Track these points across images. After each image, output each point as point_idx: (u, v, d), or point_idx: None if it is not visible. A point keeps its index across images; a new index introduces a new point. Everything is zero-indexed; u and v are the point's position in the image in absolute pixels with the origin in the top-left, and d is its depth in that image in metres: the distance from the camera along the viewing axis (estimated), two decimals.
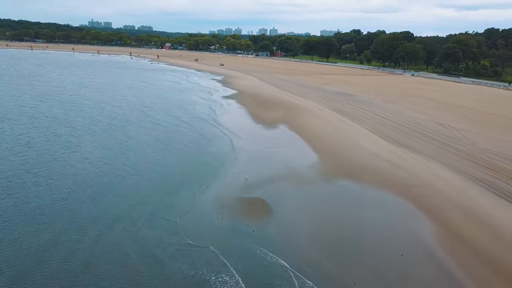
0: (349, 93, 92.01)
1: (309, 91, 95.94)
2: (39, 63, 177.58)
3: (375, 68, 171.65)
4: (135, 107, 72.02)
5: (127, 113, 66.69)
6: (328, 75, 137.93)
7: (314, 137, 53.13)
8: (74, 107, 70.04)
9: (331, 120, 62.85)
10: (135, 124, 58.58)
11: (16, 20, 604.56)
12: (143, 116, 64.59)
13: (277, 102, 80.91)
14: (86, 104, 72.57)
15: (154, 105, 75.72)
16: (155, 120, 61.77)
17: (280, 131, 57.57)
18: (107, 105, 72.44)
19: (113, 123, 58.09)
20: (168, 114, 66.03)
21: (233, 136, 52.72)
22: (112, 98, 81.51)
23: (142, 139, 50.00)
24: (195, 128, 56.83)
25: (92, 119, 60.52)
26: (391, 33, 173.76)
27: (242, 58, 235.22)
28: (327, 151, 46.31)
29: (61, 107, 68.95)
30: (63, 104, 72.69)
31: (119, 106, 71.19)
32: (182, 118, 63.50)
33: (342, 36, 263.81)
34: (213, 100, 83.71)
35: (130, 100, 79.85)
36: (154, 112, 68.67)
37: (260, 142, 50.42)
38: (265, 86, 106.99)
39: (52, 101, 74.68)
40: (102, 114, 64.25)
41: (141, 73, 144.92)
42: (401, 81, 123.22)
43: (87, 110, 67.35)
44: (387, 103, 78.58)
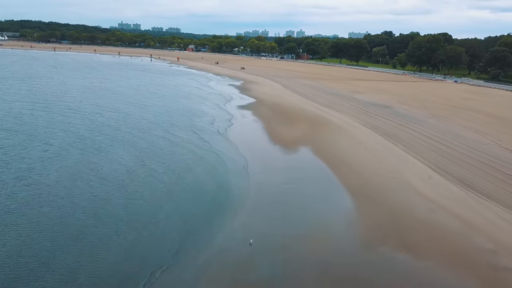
0: (386, 104, 78.40)
1: (338, 100, 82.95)
2: (55, 64, 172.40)
3: (411, 73, 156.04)
4: (131, 119, 61.35)
5: (117, 127, 55.95)
6: (359, 81, 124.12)
7: (346, 167, 40.57)
8: (61, 116, 60.09)
9: (367, 141, 49.95)
10: (121, 142, 47.65)
11: (46, 22, 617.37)
12: (136, 131, 53.66)
13: (301, 114, 68.55)
14: (78, 114, 62.52)
15: (156, 116, 64.85)
16: (149, 137, 50.77)
17: (302, 157, 45.27)
18: (100, 116, 61.99)
19: (91, 142, 47.07)
20: (167, 130, 54.84)
21: (240, 164, 40.91)
22: (110, 107, 71.29)
23: (120, 167, 38.81)
24: (194, 151, 45.34)
25: (74, 134, 49.97)
26: (429, 35, 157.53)
27: (266, 61, 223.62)
28: (366, 193, 33.72)
29: (45, 117, 58.99)
30: (51, 112, 62.83)
31: (111, 118, 60.57)
32: (183, 136, 52.24)
33: (372, 38, 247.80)
34: (226, 111, 72.28)
35: (129, 110, 69.34)
36: (152, 125, 57.74)
37: (274, 174, 38.44)
38: (287, 94, 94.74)
39: (41, 109, 64.98)
40: (88, 128, 53.62)
41: (156, 76, 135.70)
42: (444, 89, 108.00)
43: (75, 122, 57.00)
44: (434, 119, 64.67)
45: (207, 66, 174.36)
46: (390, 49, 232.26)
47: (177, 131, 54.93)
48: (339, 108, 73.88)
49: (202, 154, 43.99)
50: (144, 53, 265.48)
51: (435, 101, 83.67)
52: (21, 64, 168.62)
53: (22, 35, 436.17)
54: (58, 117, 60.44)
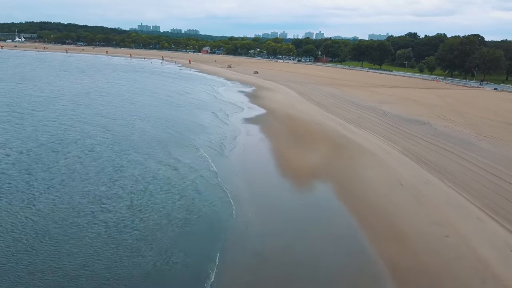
0: (421, 119, 65.40)
1: (362, 113, 70.38)
2: (60, 66, 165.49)
3: (442, 79, 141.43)
4: (111, 135, 50.59)
5: (90, 143, 45.08)
6: (384, 88, 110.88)
7: (380, 220, 28.55)
8: (33, 130, 49.57)
9: (404, 175, 37.63)
10: (84, 167, 36.72)
11: (65, 24, 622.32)
12: (112, 153, 42.66)
13: (318, 132, 56.48)
14: (54, 127, 51.87)
15: (145, 132, 53.80)
16: (125, 162, 39.95)
17: (319, 201, 33.32)
18: (71, 131, 50.92)
19: (48, 161, 36.29)
20: (149, 153, 43.57)
21: (232, 211, 29.38)
22: (93, 119, 60.56)
23: (75, 205, 27.69)
24: (177, 185, 34.13)
25: (35, 158, 39.18)
26: (461, 37, 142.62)
27: (282, 64, 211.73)
28: (417, 276, 21.58)
29: (9, 131, 48.46)
30: (21, 125, 52.36)
31: (88, 134, 49.52)
32: (169, 161, 41.17)
33: (396, 40, 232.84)
34: (229, 125, 60.85)
35: (114, 124, 58.53)
36: (134, 145, 46.70)
37: (278, 229, 26.99)
38: (303, 103, 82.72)
39: (12, 121, 54.61)
40: (54, 149, 42.80)
41: (162, 80, 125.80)
42: (485, 99, 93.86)
43: (43, 138, 46.27)
44: (485, 141, 51.53)
45: (218, 70, 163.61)
46: (416, 51, 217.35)
47: (166, 155, 43.64)
48: (364, 124, 61.38)
49: (186, 195, 32.51)
50: (156, 55, 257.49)
51: (480, 115, 70.11)
52: (26, 66, 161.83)
53: (39, 37, 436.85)
54: (26, 132, 50.05)
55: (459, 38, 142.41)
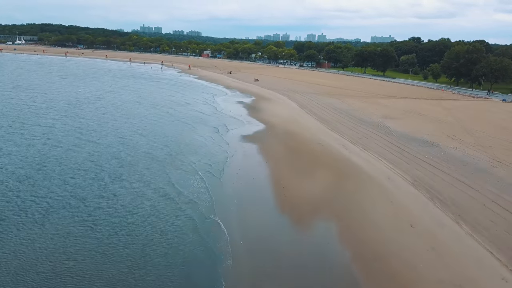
0: (429, 139, 61.57)
1: (366, 131, 66.60)
2: (57, 72, 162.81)
3: (447, 87, 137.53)
4: (103, 153, 47.12)
5: (75, 166, 41.46)
6: (388, 99, 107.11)
7: (389, 275, 24.83)
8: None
9: (416, 216, 33.87)
10: (64, 197, 33.16)
11: (66, 26, 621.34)
12: (102, 178, 38.99)
13: (320, 154, 52.93)
14: (40, 141, 48.17)
15: (138, 151, 50.23)
16: (114, 187, 36.55)
17: (319, 247, 29.61)
18: (56, 151, 47.14)
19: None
20: (142, 178, 40.01)
21: (228, 262, 25.76)
22: (86, 131, 57.00)
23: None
24: (170, 220, 30.83)
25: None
26: (469, 43, 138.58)
27: (283, 69, 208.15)
28: None
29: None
30: (9, 134, 48.65)
31: (71, 154, 45.72)
32: (163, 188, 37.87)
33: (400, 45, 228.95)
34: (224, 145, 57.33)
35: (106, 138, 55.01)
36: (126, 166, 43.25)
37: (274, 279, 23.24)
38: (304, 117, 79.12)
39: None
40: (36, 168, 39.02)
41: (159, 88, 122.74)
42: (494, 112, 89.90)
43: (28, 157, 42.06)
44: (502, 167, 47.67)
45: (218, 77, 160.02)
46: (420, 57, 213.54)
47: (152, 181, 40.11)
48: (368, 145, 57.62)
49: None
50: (156, 59, 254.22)
51: (492, 133, 66.20)
52: (22, 71, 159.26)
53: (40, 39, 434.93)
54: (9, 151, 46.50)
55: (465, 45, 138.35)
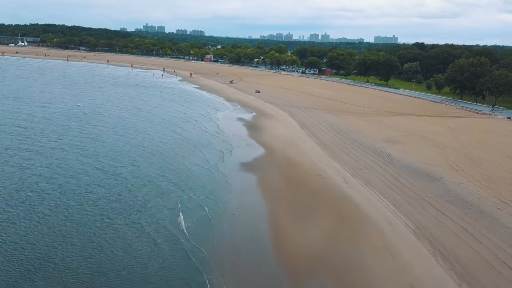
0: (432, 171, 59.99)
1: (367, 160, 65.09)
2: (59, 80, 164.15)
3: (451, 101, 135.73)
4: (93, 184, 45.80)
5: (62, 197, 39.75)
6: (391, 117, 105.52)
7: None
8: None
9: (419, 278, 32.42)
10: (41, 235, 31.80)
11: (69, 26, 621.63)
12: (89, 216, 37.63)
13: (321, 189, 52.05)
14: (36, 165, 46.98)
15: (130, 184, 48.84)
16: (98, 228, 35.21)
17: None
18: (48, 181, 46.03)
19: None
20: (132, 219, 38.56)
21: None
22: (79, 155, 55.39)
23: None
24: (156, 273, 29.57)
25: None
26: (472, 59, 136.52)
27: (285, 77, 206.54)
28: None
29: None
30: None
31: (58, 184, 44.40)
32: (151, 233, 35.97)
33: (403, 52, 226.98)
34: (223, 176, 56.04)
35: (99, 163, 53.66)
36: (115, 202, 41.77)
37: None
38: (305, 140, 77.80)
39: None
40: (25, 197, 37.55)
41: (157, 100, 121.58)
42: (498, 134, 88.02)
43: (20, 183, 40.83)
44: (508, 211, 46.08)
45: (219, 87, 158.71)
46: (423, 65, 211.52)
47: (139, 223, 38.63)
48: (369, 178, 56.13)
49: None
50: (158, 64, 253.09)
51: (496, 163, 64.52)
52: (23, 79, 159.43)
53: (42, 41, 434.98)
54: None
55: (470, 59, 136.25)
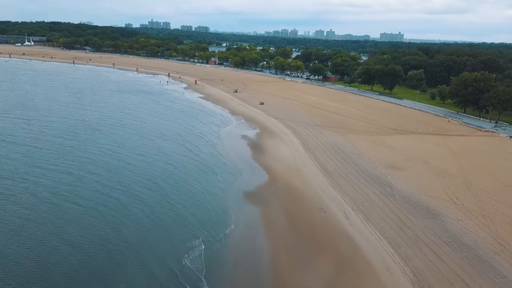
0: (432, 206, 61.21)
1: (369, 190, 66.43)
2: (65, 85, 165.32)
3: (454, 115, 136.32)
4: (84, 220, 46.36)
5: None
6: (394, 136, 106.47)
7: None
8: None
9: None
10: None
11: (75, 24, 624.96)
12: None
13: (323, 226, 53.66)
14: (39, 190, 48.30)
15: (121, 221, 49.31)
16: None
17: None
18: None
19: None
20: (119, 271, 40.05)
21: None
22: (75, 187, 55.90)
23: None
24: None
25: None
26: (476, 73, 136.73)
27: (290, 84, 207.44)
28: None
29: None
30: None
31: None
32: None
33: (408, 58, 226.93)
34: (225, 209, 57.31)
35: (94, 195, 53.27)
36: (105, 251, 42.12)
37: None
38: (307, 165, 79.33)
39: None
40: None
41: (163, 110, 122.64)
42: (501, 157, 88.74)
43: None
44: (504, 256, 47.32)
45: (224, 97, 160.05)
46: (428, 72, 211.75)
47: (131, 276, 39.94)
48: (370, 214, 57.50)
49: None
50: (164, 68, 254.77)
51: (497, 195, 65.53)
52: (30, 86, 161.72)
53: (48, 40, 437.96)
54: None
55: (475, 74, 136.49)
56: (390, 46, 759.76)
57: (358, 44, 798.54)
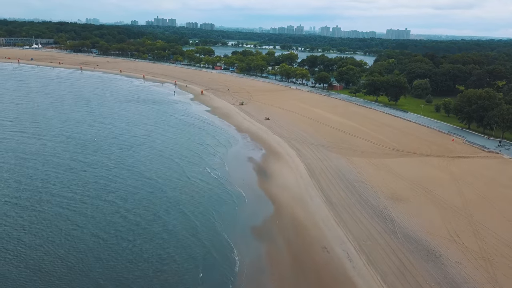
0: (433, 246, 62.93)
1: (371, 226, 68.29)
2: (74, 96, 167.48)
3: (458, 131, 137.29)
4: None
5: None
6: (398, 158, 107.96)
7: None
8: None
9: None
10: None
11: (81, 24, 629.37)
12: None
13: (325, 270, 55.48)
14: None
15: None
16: None
17: None
18: None
19: None
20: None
21: None
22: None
23: None
24: None
25: None
26: (481, 91, 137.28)
27: (295, 93, 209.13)
28: None
29: None
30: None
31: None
32: None
33: (414, 67, 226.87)
34: (231, 248, 58.87)
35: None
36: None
37: None
38: (312, 195, 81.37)
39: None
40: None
41: (170, 127, 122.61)
42: (504, 183, 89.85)
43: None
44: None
45: (230, 110, 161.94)
46: (433, 81, 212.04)
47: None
48: (373, 255, 59.40)
49: None
50: (171, 75, 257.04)
51: (498, 231, 67.03)
52: (40, 97, 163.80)
53: (56, 42, 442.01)
54: None
55: (479, 91, 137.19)
56: (396, 44, 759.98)
57: (364, 43, 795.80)
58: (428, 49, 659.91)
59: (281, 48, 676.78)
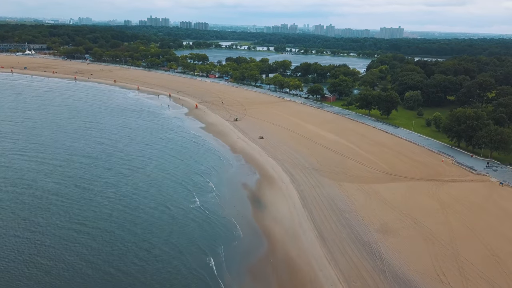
0: (421, 284, 65.68)
1: (361, 265, 70.97)
2: (69, 110, 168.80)
3: (448, 152, 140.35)
4: None
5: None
6: (389, 183, 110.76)
7: None
8: None
9: None
10: None
11: (74, 26, 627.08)
12: None
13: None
14: None
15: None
16: None
17: None
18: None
19: None
20: None
21: None
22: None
23: None
24: None
25: None
26: (470, 110, 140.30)
27: (289, 105, 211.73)
28: None
29: None
30: None
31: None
32: None
33: (405, 79, 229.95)
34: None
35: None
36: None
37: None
38: (306, 231, 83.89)
39: None
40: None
41: (159, 152, 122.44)
42: (491, 211, 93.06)
43: None
44: None
45: (225, 127, 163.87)
46: (424, 93, 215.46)
47: None
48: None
49: None
50: (165, 85, 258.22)
51: (483, 269, 69.97)
52: (33, 113, 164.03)
53: (49, 48, 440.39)
54: None
55: (469, 111, 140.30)
56: (390, 45, 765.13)
57: (358, 44, 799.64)
58: (421, 49, 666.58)
59: (275, 50, 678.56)
